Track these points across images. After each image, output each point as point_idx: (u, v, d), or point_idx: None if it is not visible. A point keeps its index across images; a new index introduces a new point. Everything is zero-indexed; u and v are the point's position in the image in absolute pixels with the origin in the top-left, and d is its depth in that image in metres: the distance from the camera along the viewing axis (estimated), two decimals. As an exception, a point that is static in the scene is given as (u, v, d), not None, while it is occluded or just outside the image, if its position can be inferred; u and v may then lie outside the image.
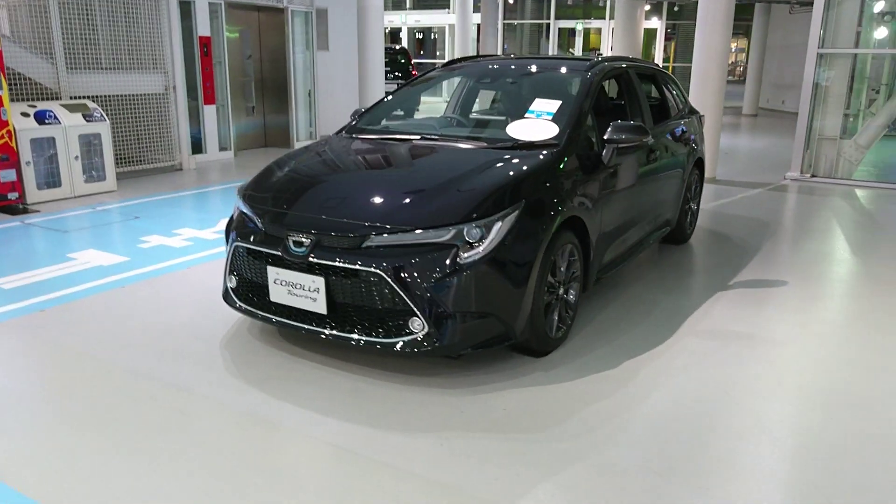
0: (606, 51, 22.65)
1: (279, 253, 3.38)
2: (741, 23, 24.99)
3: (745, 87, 19.94)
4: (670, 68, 23.35)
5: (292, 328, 3.48)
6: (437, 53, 30.24)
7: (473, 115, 5.01)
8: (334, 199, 3.50)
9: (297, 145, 11.69)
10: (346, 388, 3.34)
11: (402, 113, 5.00)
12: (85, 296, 4.54)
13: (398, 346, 3.22)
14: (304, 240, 3.32)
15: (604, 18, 22.73)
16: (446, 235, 3.20)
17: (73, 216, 6.71)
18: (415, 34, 29.45)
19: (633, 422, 3.07)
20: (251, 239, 3.54)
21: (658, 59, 23.33)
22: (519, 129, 4.03)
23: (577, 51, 23.68)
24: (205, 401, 3.23)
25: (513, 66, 4.96)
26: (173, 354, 3.70)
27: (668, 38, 24.38)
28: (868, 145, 9.11)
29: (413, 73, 16.85)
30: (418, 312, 3.15)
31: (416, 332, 3.19)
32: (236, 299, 3.74)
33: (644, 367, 3.60)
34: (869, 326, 4.24)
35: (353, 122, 4.70)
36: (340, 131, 4.63)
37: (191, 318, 4.19)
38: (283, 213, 3.52)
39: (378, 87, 11.43)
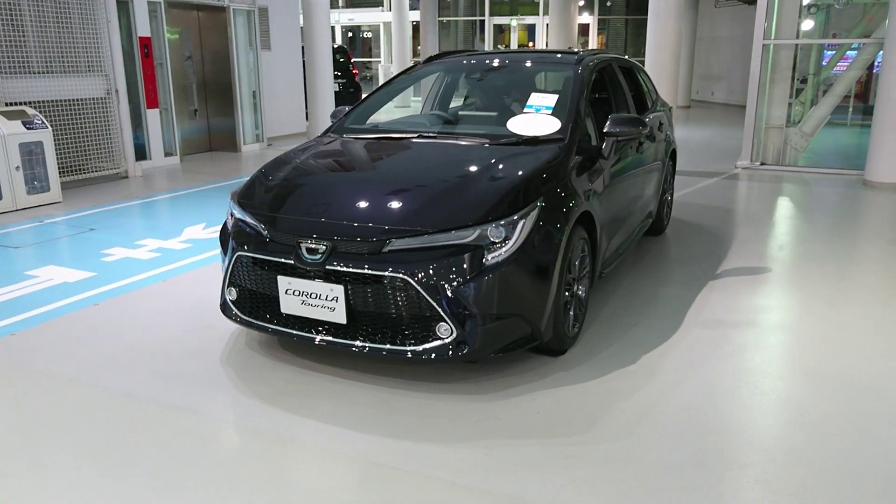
0: (541, 47, 22.87)
1: (291, 261, 3.20)
2: (668, 17, 25.54)
3: (678, 80, 20.44)
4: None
5: (305, 340, 3.30)
6: (371, 52, 29.90)
7: (467, 112, 4.89)
8: (346, 202, 3.34)
9: (245, 149, 11.33)
10: (369, 400, 3.18)
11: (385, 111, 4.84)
12: (57, 316, 4.22)
13: (426, 353, 3.09)
14: (318, 246, 3.14)
15: (537, 14, 22.96)
16: (471, 236, 3.09)
17: (21, 230, 6.26)
18: (346, 33, 29.03)
19: (668, 416, 3.04)
20: (256, 248, 3.33)
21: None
22: (520, 125, 3.96)
23: (513, 47, 23.83)
24: (220, 423, 3.03)
25: (498, 62, 4.87)
26: (171, 374, 3.46)
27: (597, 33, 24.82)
28: (812, 133, 9.47)
29: (354, 72, 16.54)
30: (446, 317, 3.03)
31: (444, 338, 3.07)
32: (237, 311, 3.52)
33: (661, 360, 3.58)
34: (858, 308, 4.36)
35: (339, 122, 4.52)
36: (327, 132, 4.44)
37: (180, 335, 3.94)
38: (291, 218, 3.33)
39: (327, 88, 11.17)
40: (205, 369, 3.50)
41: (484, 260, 3.07)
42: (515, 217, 3.16)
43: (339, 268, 3.10)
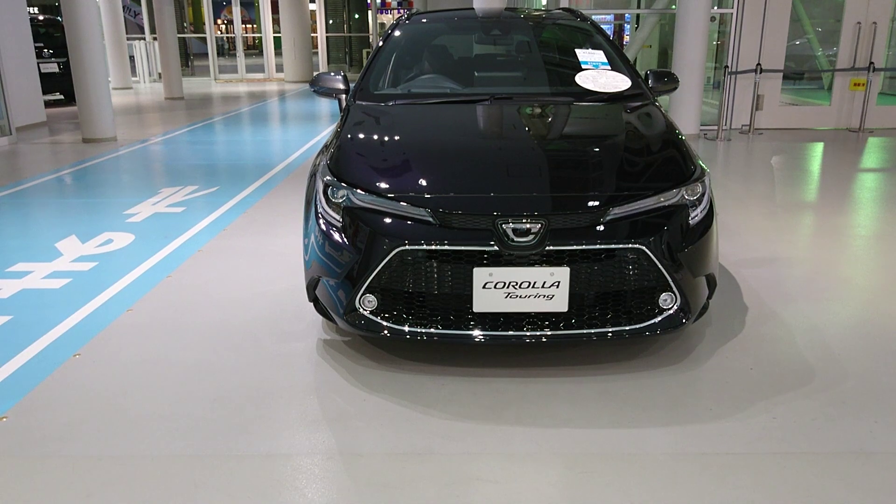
0: (241, 25, 21.72)
1: (495, 248, 2.64)
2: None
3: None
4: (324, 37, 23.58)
5: (500, 341, 2.77)
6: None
7: (493, 73, 4.35)
8: (547, 172, 2.91)
9: (-8, 145, 8.98)
10: (585, 394, 2.79)
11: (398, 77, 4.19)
12: (38, 380, 2.96)
13: (653, 329, 2.81)
14: (532, 225, 2.64)
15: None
16: (676, 196, 2.87)
17: None
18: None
19: (849, 347, 3.18)
20: (427, 238, 2.68)
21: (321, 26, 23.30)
22: (592, 81, 3.74)
23: (209, 25, 22.21)
24: (472, 459, 2.42)
25: (500, 20, 4.52)
26: (301, 425, 2.66)
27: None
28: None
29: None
30: (673, 285, 2.78)
31: (668, 309, 2.82)
32: (387, 323, 2.81)
33: (759, 303, 3.70)
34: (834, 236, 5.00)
35: (360, 89, 3.81)
36: (355, 99, 3.72)
37: (235, 387, 3.00)
38: (480, 197, 2.74)
39: (99, 66, 9.24)
40: (359, 409, 2.75)
41: (691, 219, 2.87)
42: (705, 170, 3.05)
43: (563, 247, 2.64)
